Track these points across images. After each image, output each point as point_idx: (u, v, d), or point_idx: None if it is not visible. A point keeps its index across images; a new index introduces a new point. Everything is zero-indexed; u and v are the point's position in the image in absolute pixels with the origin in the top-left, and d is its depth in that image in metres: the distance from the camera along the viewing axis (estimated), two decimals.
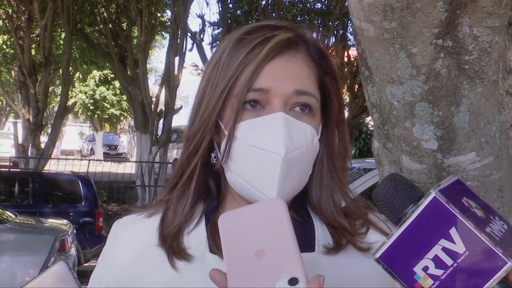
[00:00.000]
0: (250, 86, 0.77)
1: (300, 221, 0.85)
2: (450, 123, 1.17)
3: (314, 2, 15.38)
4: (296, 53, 0.81)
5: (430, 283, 0.58)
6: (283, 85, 0.77)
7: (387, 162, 1.57)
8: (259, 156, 0.76)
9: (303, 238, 0.82)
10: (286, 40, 0.80)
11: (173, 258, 0.79)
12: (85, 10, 13.53)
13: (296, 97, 0.78)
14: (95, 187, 8.82)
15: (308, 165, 0.80)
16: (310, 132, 0.79)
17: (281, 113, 0.76)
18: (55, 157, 16.83)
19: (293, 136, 0.76)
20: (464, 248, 0.57)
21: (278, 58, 0.78)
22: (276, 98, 0.77)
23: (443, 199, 0.58)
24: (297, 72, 0.79)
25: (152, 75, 28.55)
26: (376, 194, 0.67)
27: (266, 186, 0.76)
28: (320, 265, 0.80)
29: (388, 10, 1.06)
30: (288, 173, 0.76)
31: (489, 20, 1.05)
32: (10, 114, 31.21)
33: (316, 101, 0.81)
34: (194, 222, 0.83)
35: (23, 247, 5.43)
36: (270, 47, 0.77)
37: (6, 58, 16.23)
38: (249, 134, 0.77)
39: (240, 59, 0.78)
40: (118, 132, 35.80)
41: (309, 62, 0.82)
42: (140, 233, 0.85)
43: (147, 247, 0.83)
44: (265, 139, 0.75)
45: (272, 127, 0.76)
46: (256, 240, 0.61)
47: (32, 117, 11.87)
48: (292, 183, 0.77)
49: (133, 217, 0.89)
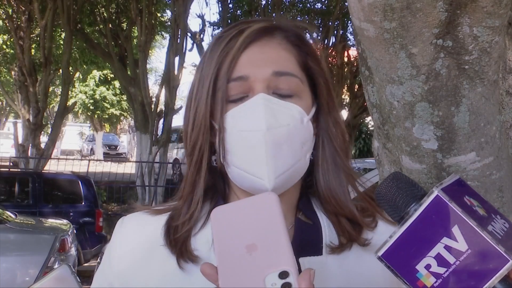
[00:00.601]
0: (229, 77, 0.78)
1: (308, 224, 0.84)
2: (450, 123, 1.17)
3: (314, 2, 15.39)
4: (271, 38, 0.82)
5: (433, 281, 0.58)
6: (261, 69, 0.78)
7: (387, 162, 1.57)
8: (246, 139, 0.76)
9: (311, 241, 0.82)
10: (260, 28, 0.81)
11: (181, 260, 0.79)
12: (85, 10, 13.53)
13: (277, 79, 0.79)
14: (95, 187, 8.82)
15: (302, 145, 0.79)
16: (297, 111, 0.79)
17: (261, 94, 0.77)
18: (55, 157, 16.83)
19: (276, 113, 0.76)
20: (466, 246, 0.58)
21: (253, 45, 0.80)
22: (256, 83, 0.78)
23: (445, 197, 0.59)
24: (274, 55, 0.80)
25: (152, 75, 28.58)
26: (378, 192, 0.67)
27: (259, 167, 0.76)
28: (328, 268, 0.79)
29: (388, 10, 1.06)
30: (277, 151, 0.75)
31: (489, 20, 1.05)
32: (10, 114, 31.21)
33: (299, 81, 0.81)
34: (200, 223, 0.83)
35: (23, 247, 5.43)
36: (244, 37, 0.79)
37: (6, 58, 16.23)
38: (235, 121, 0.78)
39: (218, 54, 0.80)
40: (118, 132, 35.80)
41: (286, 45, 0.82)
42: (145, 231, 0.85)
43: (152, 246, 0.82)
44: (248, 121, 0.76)
45: (254, 108, 0.76)
46: (247, 234, 0.61)
47: (32, 117, 11.88)
48: (286, 162, 0.76)
49: (139, 214, 0.88)
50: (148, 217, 0.87)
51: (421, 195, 0.63)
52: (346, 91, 15.73)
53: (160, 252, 0.81)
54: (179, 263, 0.79)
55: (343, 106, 15.92)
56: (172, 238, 0.81)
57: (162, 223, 0.84)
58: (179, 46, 12.41)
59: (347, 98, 16.01)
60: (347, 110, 15.50)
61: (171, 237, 0.81)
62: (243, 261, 0.59)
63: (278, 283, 0.57)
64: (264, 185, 0.75)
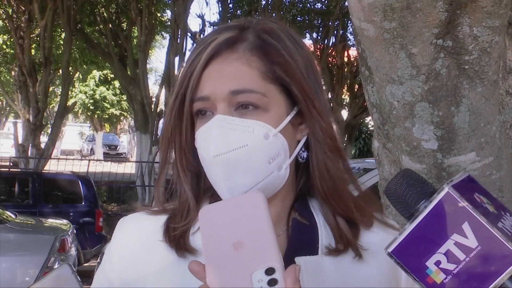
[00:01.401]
0: (193, 98, 0.80)
1: (304, 225, 0.84)
2: (450, 123, 1.17)
3: (314, 2, 15.38)
4: (232, 53, 0.80)
5: (442, 278, 0.59)
6: (219, 88, 0.78)
7: (387, 162, 1.57)
8: (204, 163, 0.79)
9: (307, 241, 0.82)
10: (224, 41, 0.80)
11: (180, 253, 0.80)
12: (85, 10, 13.52)
13: (235, 97, 0.78)
14: (95, 187, 8.82)
15: (269, 160, 0.78)
16: (259, 127, 0.77)
17: (218, 115, 0.78)
18: (55, 157, 16.83)
19: (230, 137, 0.76)
20: (476, 243, 0.58)
21: (213, 61, 0.79)
22: (218, 103, 0.78)
23: (456, 194, 0.59)
24: (233, 71, 0.79)
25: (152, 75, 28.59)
26: (388, 189, 0.68)
27: (219, 188, 0.79)
28: (323, 268, 0.79)
29: (388, 10, 1.06)
30: (232, 173, 0.77)
31: (489, 20, 1.05)
32: (10, 114, 31.21)
33: (259, 96, 0.78)
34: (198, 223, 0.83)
35: (23, 247, 5.42)
36: (206, 55, 0.79)
37: (6, 58, 16.23)
38: (198, 144, 0.80)
39: (184, 73, 0.81)
40: (118, 132, 35.80)
41: (248, 58, 0.79)
42: (145, 230, 0.86)
43: (152, 244, 0.83)
44: (203, 146, 0.79)
45: (209, 131, 0.78)
46: (234, 232, 0.62)
47: (32, 117, 11.88)
48: (247, 181, 0.77)
49: (139, 214, 0.89)
50: (148, 217, 0.87)
51: (431, 192, 0.64)
52: (346, 91, 15.73)
53: (159, 247, 0.82)
54: (180, 255, 0.80)
55: (343, 106, 15.93)
56: (171, 235, 0.82)
57: (161, 223, 0.85)
58: (179, 46, 12.41)
59: (347, 98, 16.01)
60: (347, 110, 15.49)
61: (170, 234, 0.82)
62: (230, 258, 0.60)
63: (264, 279, 0.58)
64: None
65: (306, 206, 0.86)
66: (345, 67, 15.10)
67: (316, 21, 15.37)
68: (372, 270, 0.82)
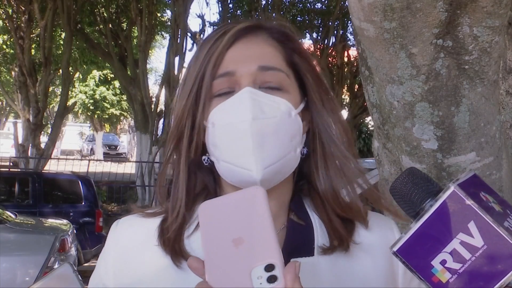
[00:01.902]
0: (215, 74, 0.79)
1: (300, 225, 0.84)
2: (450, 123, 1.17)
3: (314, 2, 15.38)
4: (255, 36, 0.83)
5: (448, 277, 0.59)
6: (247, 64, 0.79)
7: (387, 162, 1.57)
8: (233, 131, 0.77)
9: (303, 242, 0.82)
10: (245, 27, 0.83)
11: (176, 259, 0.79)
12: (85, 10, 13.52)
13: (263, 74, 0.80)
14: (95, 187, 8.81)
15: (291, 138, 0.79)
16: (284, 104, 0.79)
17: (247, 87, 0.78)
18: (55, 157, 16.83)
19: (262, 106, 0.77)
20: (482, 242, 0.58)
21: (238, 42, 0.81)
22: (243, 79, 0.79)
23: (462, 193, 0.59)
24: (259, 51, 0.81)
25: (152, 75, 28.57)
26: (394, 187, 0.68)
27: (246, 158, 0.76)
28: (319, 268, 0.79)
29: (388, 10, 1.06)
30: (264, 141, 0.76)
31: (489, 20, 1.05)
32: (10, 114, 31.20)
33: (285, 76, 0.81)
34: (194, 225, 0.83)
35: (23, 247, 5.42)
36: (229, 36, 0.81)
37: (6, 58, 16.23)
38: (222, 115, 0.78)
39: (204, 54, 0.81)
40: (118, 132, 35.79)
41: (271, 42, 0.84)
42: (139, 233, 0.85)
43: (146, 247, 0.82)
44: (234, 113, 0.77)
45: (239, 101, 0.77)
46: (234, 228, 0.61)
47: (32, 117, 11.88)
48: (273, 153, 0.76)
49: (133, 217, 0.88)
50: (142, 220, 0.87)
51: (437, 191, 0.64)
52: (346, 91, 15.73)
53: (154, 252, 0.81)
54: (174, 262, 0.79)
55: (343, 106, 15.93)
56: (165, 238, 0.81)
57: (156, 225, 0.84)
58: (179, 46, 12.41)
59: (347, 98, 16.01)
60: (347, 110, 15.49)
61: (164, 237, 0.81)
62: (229, 255, 0.60)
63: (264, 276, 0.57)
64: (252, 177, 0.76)
65: (301, 206, 0.86)
66: (345, 67, 15.10)
67: (316, 21, 15.37)
68: (367, 268, 0.82)
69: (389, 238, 0.86)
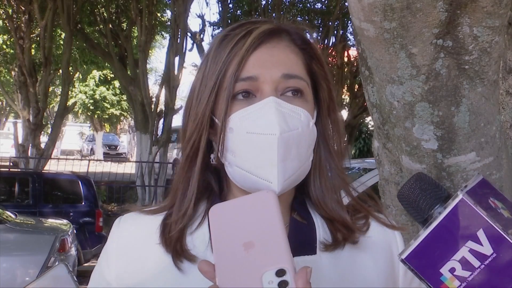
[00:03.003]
0: (237, 77, 0.78)
1: (302, 224, 0.84)
2: (450, 123, 1.17)
3: (314, 2, 15.38)
4: (279, 41, 0.82)
5: (457, 285, 0.58)
6: (271, 71, 0.79)
7: (387, 162, 1.57)
8: (256, 141, 0.76)
9: (305, 240, 0.82)
10: (268, 30, 0.82)
11: (177, 260, 0.79)
12: (85, 10, 13.52)
13: (285, 82, 0.79)
14: (95, 187, 8.81)
15: (307, 149, 0.80)
16: (305, 115, 0.79)
17: (272, 97, 0.77)
18: (55, 157, 16.82)
19: (287, 118, 0.77)
20: (491, 250, 0.57)
21: (262, 47, 0.80)
22: (265, 85, 0.78)
23: (470, 201, 0.58)
24: (283, 57, 0.81)
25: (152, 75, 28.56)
26: (401, 194, 0.67)
27: (267, 170, 0.76)
28: (321, 266, 0.80)
29: (388, 10, 1.06)
30: (287, 155, 0.76)
31: (489, 20, 1.05)
32: (10, 114, 31.19)
33: (306, 85, 0.82)
34: (197, 221, 0.83)
35: (23, 247, 5.42)
36: (253, 38, 0.79)
37: (6, 58, 16.22)
38: (244, 123, 0.78)
39: (226, 54, 0.80)
40: (118, 132, 35.78)
41: (294, 48, 0.83)
42: (141, 231, 0.85)
43: (148, 245, 0.82)
44: (259, 124, 0.76)
45: (265, 111, 0.77)
46: (245, 232, 0.61)
47: (32, 117, 11.87)
48: (293, 165, 0.77)
49: (136, 214, 0.88)
50: (144, 217, 0.87)
51: (445, 197, 0.63)
52: (346, 91, 15.73)
53: (156, 250, 0.81)
54: (175, 263, 0.79)
55: (343, 106, 15.92)
56: (167, 237, 0.81)
57: (158, 223, 0.84)
58: (179, 46, 12.41)
59: (347, 98, 16.01)
60: (347, 110, 15.49)
61: (166, 235, 0.81)
62: (240, 259, 0.59)
63: (275, 281, 0.57)
64: (270, 187, 0.76)
65: (304, 205, 0.87)
66: (345, 67, 15.09)
67: (316, 21, 15.36)
68: (369, 266, 0.82)
69: (390, 239, 0.87)
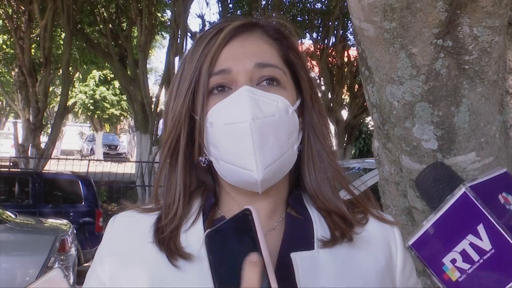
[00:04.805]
0: (211, 72, 0.80)
1: (299, 219, 0.84)
2: (450, 123, 1.17)
3: (314, 2, 15.37)
4: (251, 34, 0.84)
5: (457, 276, 0.59)
6: (243, 62, 0.80)
7: (387, 162, 1.57)
8: (232, 131, 0.77)
9: (302, 236, 0.82)
10: (240, 25, 0.83)
11: (172, 257, 0.79)
12: (85, 10, 13.51)
13: (259, 71, 0.80)
14: (95, 187, 8.81)
15: (288, 136, 0.80)
16: (282, 102, 0.79)
17: (245, 86, 0.78)
18: (55, 157, 16.82)
19: (261, 105, 0.77)
20: (490, 246, 0.58)
21: (234, 40, 0.82)
22: (239, 76, 0.79)
23: (472, 195, 0.59)
24: (255, 48, 0.82)
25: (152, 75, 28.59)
26: (418, 181, 0.68)
27: (246, 159, 0.76)
28: (319, 262, 0.79)
29: (388, 10, 1.06)
30: (264, 141, 0.76)
31: (489, 20, 1.05)
32: (10, 114, 31.19)
33: (281, 73, 0.82)
34: (191, 219, 0.83)
35: (23, 247, 5.42)
36: (225, 33, 0.81)
37: (6, 58, 16.22)
38: (221, 115, 0.78)
39: (200, 52, 0.81)
40: (118, 132, 35.78)
41: (267, 39, 0.84)
42: (136, 229, 0.85)
43: (143, 244, 0.82)
44: (233, 113, 0.77)
45: (238, 100, 0.77)
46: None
47: (32, 117, 11.87)
48: (273, 152, 0.77)
49: (130, 213, 0.88)
50: (139, 216, 0.87)
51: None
52: (346, 91, 15.72)
53: (150, 248, 0.81)
54: (170, 260, 0.79)
55: (343, 106, 15.92)
56: (160, 237, 0.81)
57: (152, 222, 0.84)
58: (179, 46, 12.41)
59: (347, 98, 16.00)
60: (347, 110, 15.48)
61: (159, 236, 0.81)
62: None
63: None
64: (253, 177, 0.76)
65: (300, 200, 0.87)
66: (345, 67, 15.09)
67: (316, 21, 15.36)
68: (367, 262, 0.82)
69: (389, 234, 0.86)
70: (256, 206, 0.82)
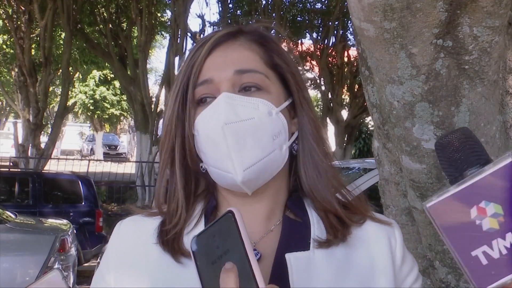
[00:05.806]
0: (195, 83, 0.83)
1: (296, 222, 0.85)
2: (450, 123, 1.17)
3: (314, 2, 15.38)
4: (234, 41, 0.86)
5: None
6: (224, 70, 0.82)
7: (387, 162, 1.57)
8: (211, 137, 0.80)
9: (299, 238, 0.83)
10: (224, 34, 0.85)
11: (175, 256, 0.81)
12: (85, 10, 13.53)
13: (240, 77, 0.82)
14: (95, 187, 8.82)
15: (271, 138, 0.81)
16: (263, 105, 0.81)
17: (223, 93, 0.80)
18: (55, 157, 16.83)
19: (237, 109, 0.79)
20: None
21: (216, 50, 0.84)
22: (221, 85, 0.82)
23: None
24: (236, 56, 0.84)
25: (152, 75, 28.61)
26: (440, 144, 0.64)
27: (225, 162, 0.78)
28: (315, 262, 0.80)
29: (388, 10, 1.06)
30: (241, 144, 0.78)
31: (489, 20, 1.05)
32: (10, 114, 31.20)
33: (263, 77, 0.83)
34: (194, 221, 0.85)
35: (23, 247, 5.42)
36: (209, 44, 0.84)
37: (6, 58, 16.23)
38: (202, 123, 0.81)
39: (187, 64, 0.85)
40: (118, 132, 35.79)
41: (250, 45, 0.86)
42: (142, 232, 0.86)
43: (149, 247, 0.84)
44: (210, 120, 0.80)
45: (216, 107, 0.80)
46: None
47: (32, 117, 11.88)
48: (253, 154, 0.78)
49: (137, 217, 0.90)
50: (144, 219, 0.89)
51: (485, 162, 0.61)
52: (346, 91, 15.73)
53: (154, 249, 0.83)
54: (174, 258, 0.81)
55: (343, 106, 15.92)
56: (164, 239, 0.83)
57: (156, 224, 0.86)
58: (179, 46, 12.42)
59: (347, 98, 16.01)
60: (347, 110, 15.49)
61: (163, 238, 0.83)
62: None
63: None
64: (233, 179, 0.78)
65: (299, 203, 0.87)
66: (345, 67, 15.09)
67: (316, 21, 15.38)
68: (363, 264, 0.82)
69: (388, 233, 0.87)
70: (252, 208, 0.84)
